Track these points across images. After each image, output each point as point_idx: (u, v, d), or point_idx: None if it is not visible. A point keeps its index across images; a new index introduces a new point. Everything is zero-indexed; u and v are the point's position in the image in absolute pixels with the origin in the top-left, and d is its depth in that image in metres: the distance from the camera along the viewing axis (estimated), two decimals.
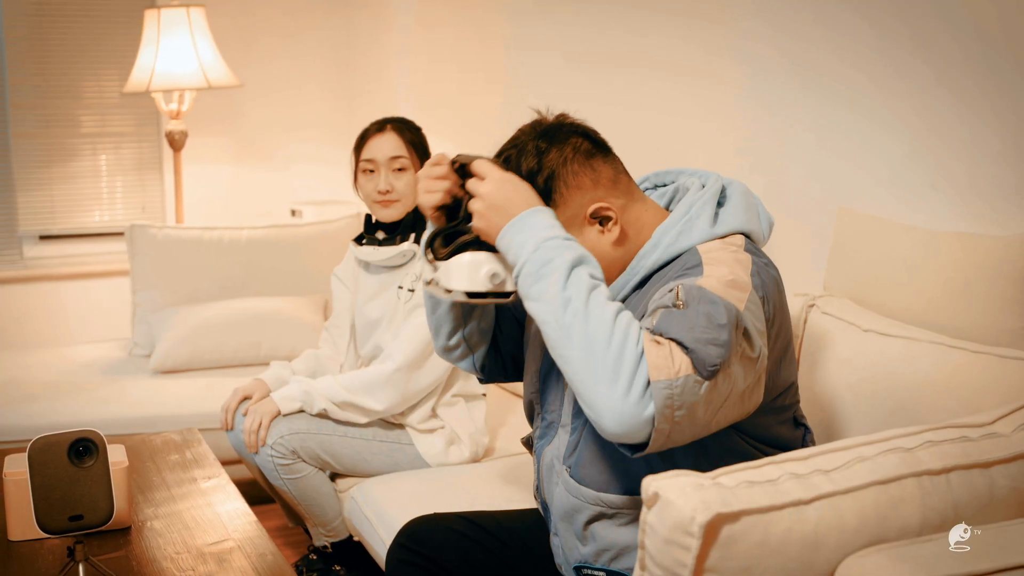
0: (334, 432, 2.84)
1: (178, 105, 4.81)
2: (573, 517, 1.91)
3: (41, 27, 5.31)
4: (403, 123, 2.97)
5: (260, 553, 2.10)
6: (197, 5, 4.71)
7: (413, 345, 2.82)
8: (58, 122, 5.41)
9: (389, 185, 2.90)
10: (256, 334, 3.86)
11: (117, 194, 5.57)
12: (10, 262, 5.37)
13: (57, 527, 1.87)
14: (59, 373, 3.84)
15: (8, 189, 5.34)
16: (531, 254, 1.70)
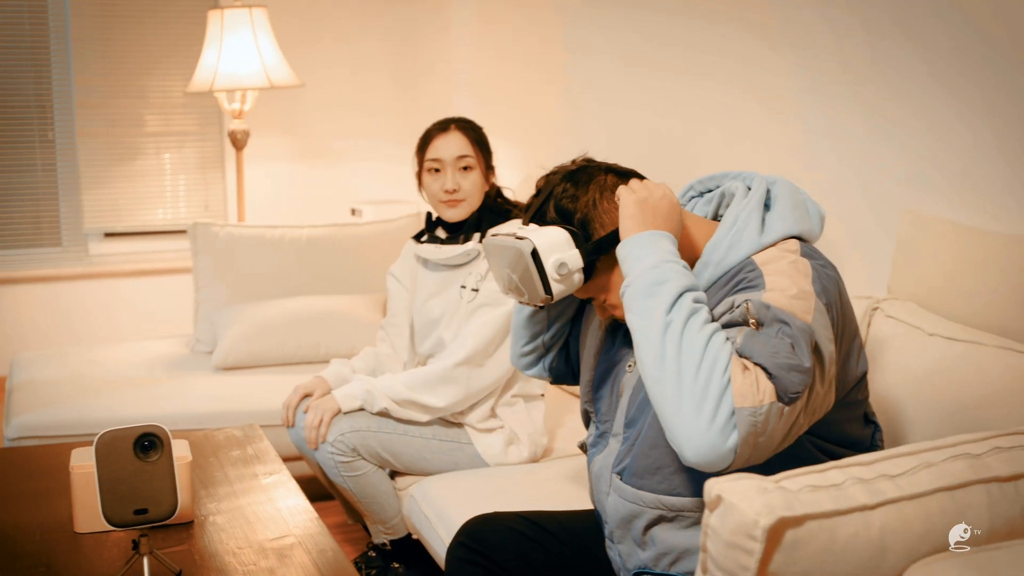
0: (394, 431, 2.85)
1: (240, 104, 4.86)
2: (631, 523, 1.91)
3: (107, 28, 5.39)
4: (466, 123, 2.97)
5: (321, 549, 2.11)
6: (259, 5, 4.75)
7: (476, 343, 2.83)
8: (123, 121, 5.49)
9: (456, 184, 2.91)
10: (316, 332, 3.88)
11: (180, 192, 5.64)
12: (76, 259, 5.46)
13: (123, 520, 1.89)
14: (123, 369, 3.89)
15: (74, 187, 5.43)
16: (648, 270, 1.72)
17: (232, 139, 4.93)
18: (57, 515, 2.27)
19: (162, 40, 5.49)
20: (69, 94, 5.38)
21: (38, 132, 5.41)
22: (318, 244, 4.18)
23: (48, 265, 5.42)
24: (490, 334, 2.84)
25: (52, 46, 5.35)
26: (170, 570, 1.97)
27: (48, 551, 2.11)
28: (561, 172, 1.93)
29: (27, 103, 5.37)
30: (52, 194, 5.44)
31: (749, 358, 1.63)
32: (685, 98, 3.48)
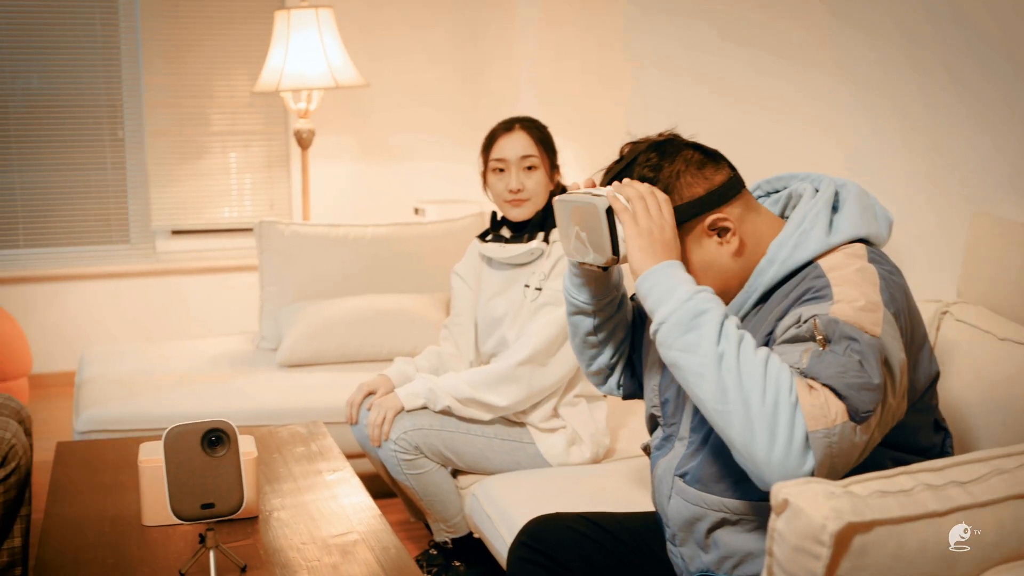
0: (457, 429, 2.86)
1: (306, 104, 4.90)
2: (694, 526, 1.90)
3: (176, 28, 5.47)
4: (531, 122, 2.98)
5: (384, 546, 2.12)
6: (325, 6, 4.79)
7: (539, 342, 2.83)
8: (190, 121, 5.57)
9: (520, 184, 2.91)
10: (379, 331, 3.90)
11: (246, 191, 5.71)
12: (144, 256, 5.54)
13: (190, 514, 1.92)
14: (189, 365, 3.94)
15: (142, 185, 5.51)
16: (683, 303, 1.69)
17: (298, 138, 4.97)
18: (125, 508, 2.30)
19: (229, 40, 5.55)
20: (139, 94, 5.47)
21: (108, 131, 5.50)
22: (382, 243, 4.20)
23: (116, 262, 5.51)
24: (553, 333, 2.84)
25: (122, 46, 5.44)
26: (235, 564, 2.00)
27: (116, 543, 2.14)
28: (647, 142, 1.91)
29: (98, 102, 5.47)
30: (121, 192, 5.53)
31: (816, 378, 1.61)
32: (752, 98, 3.45)
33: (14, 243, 5.43)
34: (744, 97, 3.49)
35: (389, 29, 5.64)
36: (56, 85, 5.40)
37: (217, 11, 5.53)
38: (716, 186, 1.84)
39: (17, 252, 5.43)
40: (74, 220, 5.50)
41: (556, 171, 2.98)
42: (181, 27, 5.49)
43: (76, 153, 5.47)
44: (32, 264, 5.42)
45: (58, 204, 5.47)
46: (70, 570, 2.02)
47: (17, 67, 5.34)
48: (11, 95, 5.35)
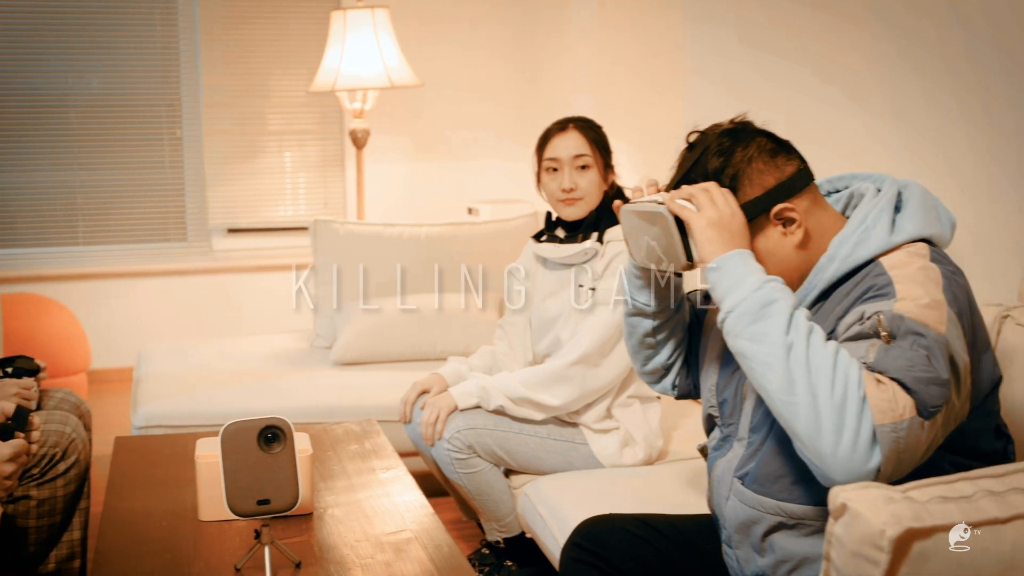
0: (510, 429, 2.86)
1: (361, 104, 4.92)
2: (750, 528, 1.88)
3: (234, 29, 5.52)
4: (585, 122, 2.97)
5: (437, 545, 2.13)
6: (381, 6, 4.81)
7: (592, 342, 2.82)
8: (247, 120, 5.62)
9: (573, 183, 2.91)
10: (433, 330, 3.92)
11: (300, 190, 5.75)
12: (200, 254, 5.60)
13: (246, 510, 1.93)
14: (244, 362, 3.97)
15: (200, 184, 5.57)
16: (752, 292, 1.68)
17: (353, 138, 5.00)
18: (181, 502, 2.32)
19: (286, 40, 5.60)
20: (197, 93, 5.53)
21: (167, 130, 5.56)
22: (436, 242, 4.21)
23: (174, 259, 5.58)
24: (606, 334, 2.83)
25: (181, 47, 5.50)
26: (290, 560, 2.01)
27: (173, 537, 2.16)
28: (718, 128, 1.90)
29: (157, 102, 5.53)
30: (178, 191, 5.60)
31: (884, 372, 1.59)
32: (811, 98, 3.42)
33: (74, 240, 5.51)
34: (803, 97, 3.46)
35: (444, 29, 5.66)
36: (116, 85, 5.47)
37: (274, 12, 5.57)
38: (787, 176, 1.83)
39: (77, 249, 5.51)
40: (133, 218, 5.58)
41: (610, 171, 2.97)
42: (239, 28, 5.55)
43: (135, 152, 5.54)
44: (92, 261, 5.49)
45: (117, 202, 5.55)
46: (128, 563, 2.05)
47: (78, 67, 5.42)
48: (72, 95, 5.43)
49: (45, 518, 2.62)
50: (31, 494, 2.59)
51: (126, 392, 4.47)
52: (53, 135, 5.43)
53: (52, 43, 5.36)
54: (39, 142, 5.43)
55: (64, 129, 5.44)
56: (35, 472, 2.58)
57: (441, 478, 3.02)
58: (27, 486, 2.59)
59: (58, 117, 5.43)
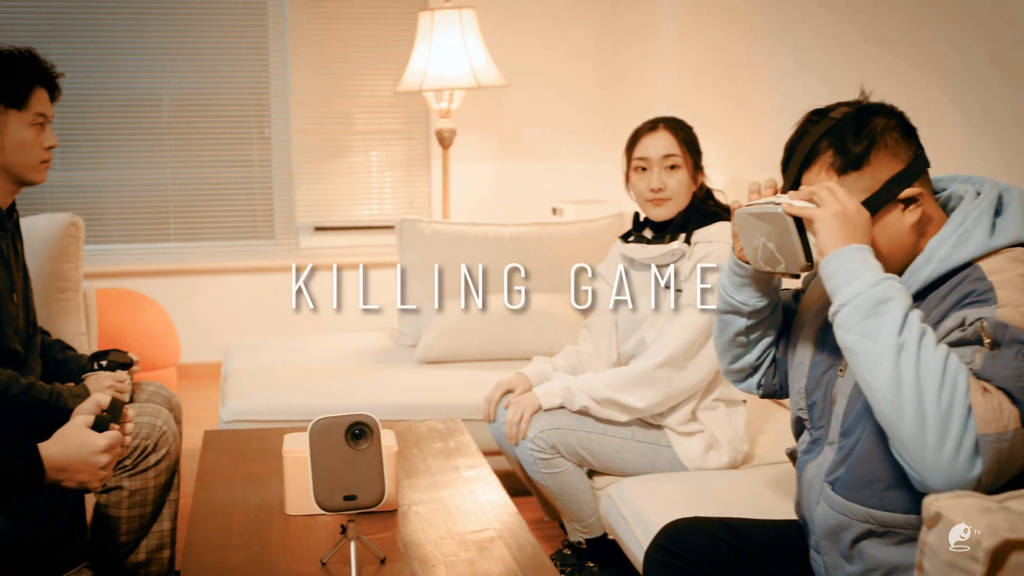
0: (594, 430, 2.85)
1: (448, 104, 4.95)
2: (839, 535, 1.85)
3: (322, 29, 5.59)
4: (676, 122, 2.95)
5: (520, 544, 2.13)
6: (468, 7, 4.83)
7: (678, 344, 2.80)
8: (334, 120, 5.69)
9: (661, 183, 2.89)
10: (517, 330, 3.92)
11: (386, 189, 5.80)
12: (288, 251, 5.68)
13: (333, 505, 1.95)
14: (330, 359, 4.02)
15: (288, 183, 5.64)
16: (869, 288, 1.66)
17: (439, 138, 5.02)
18: (268, 496, 2.35)
19: (373, 41, 5.65)
20: (285, 93, 5.60)
21: (255, 129, 5.65)
22: (520, 242, 4.21)
23: (261, 257, 5.66)
24: (692, 336, 2.81)
25: (271, 47, 5.58)
26: (375, 556, 2.02)
27: (260, 530, 2.19)
28: (839, 111, 1.86)
29: (246, 101, 5.62)
30: (267, 189, 5.68)
31: (990, 381, 1.56)
32: (901, 99, 3.36)
33: (165, 237, 5.62)
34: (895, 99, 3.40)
35: (530, 30, 5.67)
36: (207, 85, 5.57)
37: (362, 12, 5.63)
38: (913, 159, 1.81)
39: (168, 246, 5.62)
40: (222, 216, 5.67)
41: (700, 172, 2.95)
42: (327, 28, 5.61)
43: (225, 151, 5.64)
44: (182, 258, 5.60)
45: (207, 200, 5.65)
46: (217, 555, 2.08)
47: (170, 68, 5.52)
48: (164, 95, 5.54)
49: (136, 508, 2.68)
50: (123, 485, 2.65)
51: (214, 386, 4.54)
52: (145, 134, 5.55)
53: (145, 44, 5.47)
54: (132, 141, 5.54)
55: (156, 128, 5.55)
56: (127, 463, 2.64)
57: (524, 478, 3.03)
58: (120, 477, 2.65)
59: (150, 116, 5.54)
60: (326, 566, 2.01)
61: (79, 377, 2.79)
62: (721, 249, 2.80)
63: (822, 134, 1.84)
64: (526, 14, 5.65)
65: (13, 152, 2.59)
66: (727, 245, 2.78)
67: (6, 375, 2.44)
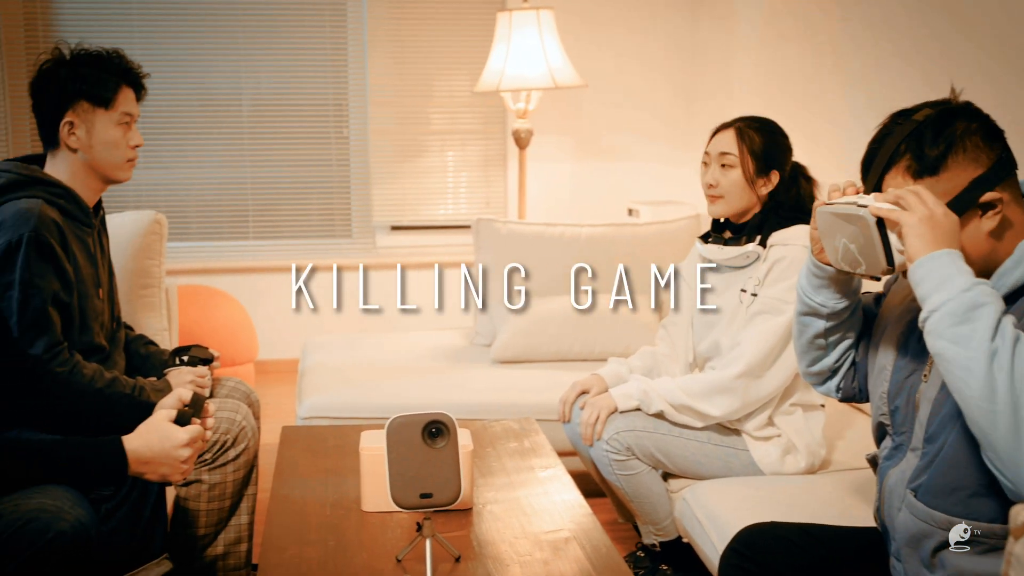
0: (669, 432, 2.83)
1: (525, 104, 4.95)
2: (920, 543, 1.82)
3: (400, 30, 5.62)
4: (748, 123, 2.90)
5: (595, 545, 2.13)
6: (546, 7, 4.83)
7: (754, 354, 2.77)
8: (411, 120, 5.72)
9: (714, 179, 2.89)
10: (592, 330, 3.91)
11: (462, 189, 5.82)
12: (364, 250, 5.72)
13: (409, 503, 1.96)
14: (405, 357, 4.04)
15: (365, 182, 5.69)
16: (961, 293, 1.64)
17: (516, 138, 5.03)
18: (345, 492, 2.37)
19: (451, 41, 5.67)
20: (364, 93, 5.65)
21: (334, 129, 5.70)
22: (597, 243, 4.20)
23: (338, 255, 5.71)
24: (768, 345, 2.77)
25: (350, 47, 5.63)
26: (451, 554, 2.03)
27: (337, 526, 2.21)
28: (922, 113, 1.84)
29: (325, 101, 5.68)
30: (344, 188, 5.73)
31: None
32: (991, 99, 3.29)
33: (244, 235, 5.69)
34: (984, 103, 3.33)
35: (608, 30, 5.65)
36: (286, 85, 5.63)
37: (440, 13, 5.66)
38: (996, 162, 1.78)
39: (247, 244, 5.69)
40: (300, 214, 5.73)
41: (764, 179, 2.88)
42: (406, 28, 5.64)
43: (304, 150, 5.70)
44: (260, 255, 5.67)
45: (286, 199, 5.71)
46: (294, 549, 2.10)
47: (250, 68, 5.59)
48: (244, 94, 5.61)
49: (215, 502, 2.71)
50: (203, 478, 2.69)
51: (290, 383, 4.59)
52: (226, 133, 5.63)
53: (226, 44, 5.55)
54: (212, 140, 5.63)
55: (236, 127, 5.63)
56: (207, 457, 2.68)
57: (598, 479, 3.02)
58: (199, 471, 2.69)
59: (231, 116, 5.62)
60: (401, 563, 2.03)
61: (161, 372, 2.84)
62: (795, 253, 2.77)
63: (903, 137, 1.81)
64: (604, 15, 5.64)
65: (100, 150, 2.65)
66: (803, 249, 2.75)
67: (91, 369, 2.49)
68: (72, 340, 2.56)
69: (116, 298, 2.86)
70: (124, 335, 2.90)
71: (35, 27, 5.38)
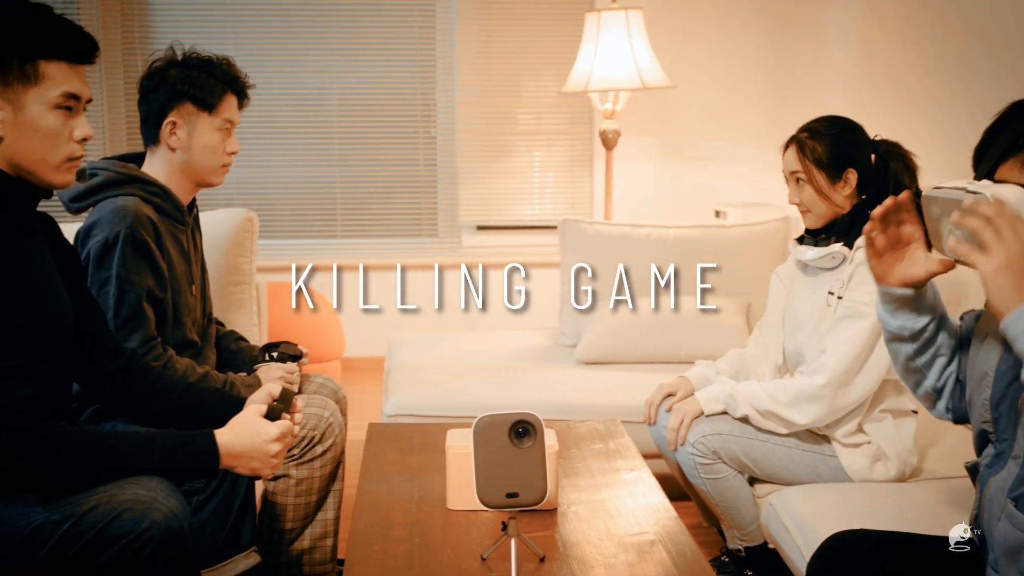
0: (756, 437, 2.80)
1: (612, 105, 4.94)
2: (1019, 553, 1.78)
3: (488, 31, 5.65)
4: (812, 133, 2.84)
5: (680, 549, 2.11)
6: (635, 7, 4.81)
7: (843, 360, 2.72)
8: (498, 120, 5.74)
9: (795, 197, 2.86)
10: (678, 333, 3.89)
11: (548, 190, 5.82)
12: (450, 250, 5.76)
13: (495, 502, 1.97)
14: (491, 356, 4.05)
15: (452, 182, 5.72)
16: None
17: (603, 139, 5.02)
18: (430, 490, 2.39)
19: (539, 42, 5.68)
20: (451, 93, 5.68)
21: (422, 129, 5.74)
22: (684, 244, 4.17)
23: (425, 254, 5.75)
24: (854, 351, 2.72)
25: (438, 47, 5.66)
26: (535, 554, 2.03)
27: (422, 523, 2.23)
28: None
29: (413, 101, 5.72)
30: (431, 188, 5.77)
31: None
32: None
33: (332, 233, 5.76)
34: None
35: (697, 32, 5.62)
36: (375, 85, 5.69)
37: (528, 13, 5.67)
38: None
39: (335, 242, 5.76)
40: (388, 214, 5.79)
41: (839, 182, 2.82)
42: (493, 29, 5.66)
43: (391, 150, 5.75)
44: (348, 253, 5.73)
45: (373, 198, 5.77)
46: (380, 545, 2.12)
47: (339, 67, 5.66)
48: (332, 94, 5.68)
49: (302, 497, 2.75)
50: (291, 473, 2.73)
51: (376, 380, 4.63)
52: (315, 133, 5.70)
53: (315, 44, 5.62)
54: (302, 139, 5.70)
55: (325, 127, 5.70)
56: (295, 453, 2.71)
57: (683, 482, 3.00)
58: (287, 466, 2.72)
59: (320, 115, 5.69)
60: (486, 561, 2.03)
61: (251, 368, 2.88)
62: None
63: (1013, 142, 1.76)
64: (693, 16, 5.60)
65: (199, 154, 2.71)
66: None
67: (184, 364, 2.54)
68: (165, 335, 2.61)
69: (208, 294, 2.91)
70: (215, 331, 2.95)
71: (131, 29, 5.50)
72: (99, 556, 1.90)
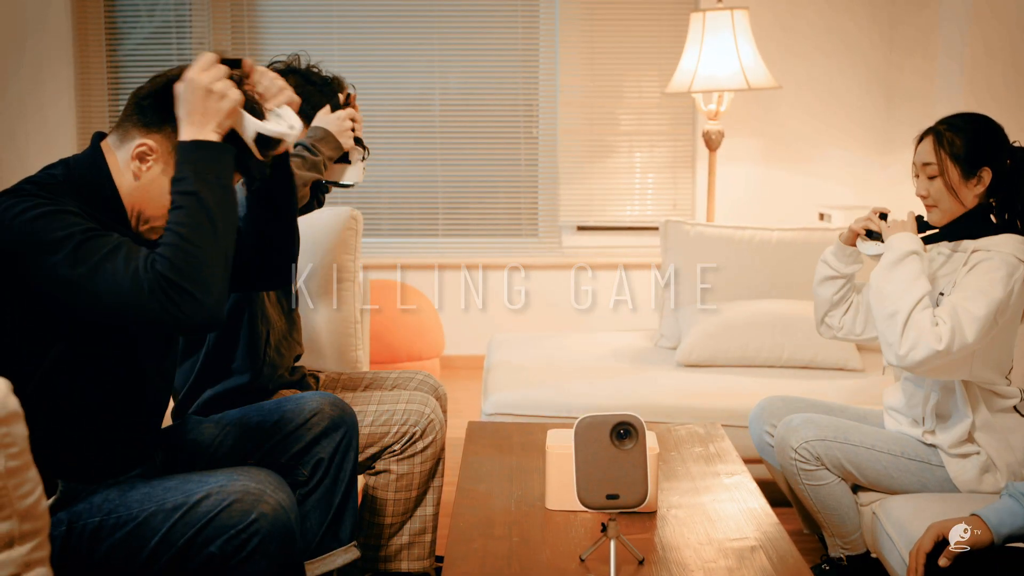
0: (861, 444, 2.76)
1: (716, 106, 4.90)
2: None
3: (592, 31, 5.65)
4: (952, 126, 2.78)
5: (781, 556, 2.09)
6: (741, 7, 4.77)
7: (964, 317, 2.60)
8: (600, 120, 5.74)
9: (924, 190, 2.79)
10: (780, 337, 3.84)
11: (648, 191, 5.80)
12: (550, 249, 5.77)
13: (595, 503, 1.97)
14: (590, 357, 4.05)
15: (553, 182, 5.73)
16: None
17: (706, 140, 4.98)
18: (529, 489, 2.39)
19: (642, 42, 5.66)
20: (554, 93, 5.69)
21: (523, 129, 5.76)
22: (787, 247, 4.12)
23: (525, 254, 5.77)
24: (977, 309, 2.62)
25: (541, 48, 5.68)
26: (634, 556, 2.03)
27: (521, 522, 2.23)
28: None
29: (515, 102, 5.74)
30: (532, 188, 5.79)
31: None
32: None
33: (434, 232, 5.81)
34: None
35: (802, 32, 5.55)
36: (478, 85, 5.73)
37: (632, 13, 5.65)
38: None
39: (436, 241, 5.81)
40: (489, 213, 5.82)
41: (973, 180, 2.75)
42: (597, 30, 5.66)
43: (493, 149, 5.78)
44: (449, 252, 5.78)
45: (475, 197, 5.81)
46: (480, 542, 2.13)
47: (442, 67, 5.71)
48: (435, 94, 5.73)
49: (402, 492, 2.78)
50: (391, 468, 2.76)
51: (475, 379, 4.67)
52: (417, 132, 5.76)
53: (419, 44, 5.68)
54: (405, 139, 5.76)
55: (428, 126, 5.75)
56: (396, 448, 2.74)
57: (785, 488, 2.96)
58: (388, 461, 2.76)
59: (423, 115, 5.74)
60: (584, 562, 2.03)
61: None
62: (999, 260, 2.64)
63: None
64: (799, 16, 5.53)
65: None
66: (1009, 257, 2.62)
67: None
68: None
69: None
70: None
71: (241, 30, 5.61)
72: (207, 546, 1.95)
